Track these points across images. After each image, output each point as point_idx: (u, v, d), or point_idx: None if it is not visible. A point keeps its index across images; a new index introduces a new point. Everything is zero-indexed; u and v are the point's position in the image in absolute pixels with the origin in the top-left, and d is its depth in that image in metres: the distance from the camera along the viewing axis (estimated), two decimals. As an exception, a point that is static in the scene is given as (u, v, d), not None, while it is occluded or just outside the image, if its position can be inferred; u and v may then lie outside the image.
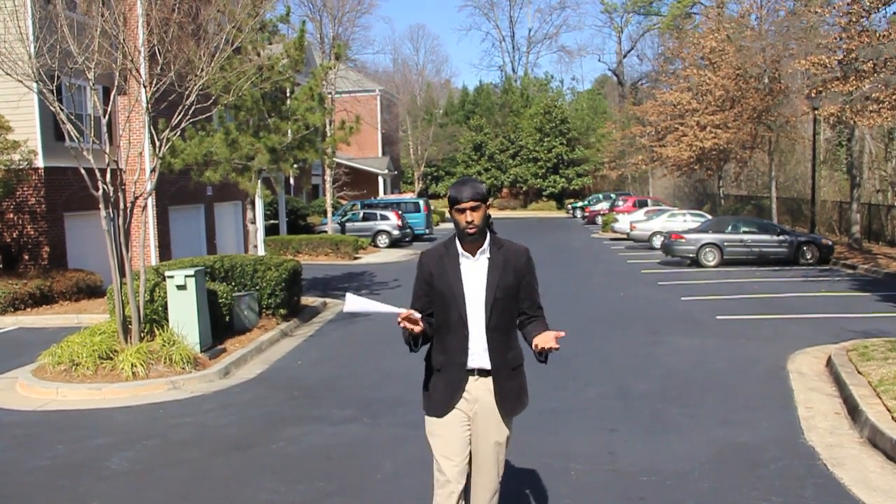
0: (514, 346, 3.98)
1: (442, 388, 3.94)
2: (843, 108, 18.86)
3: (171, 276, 10.68)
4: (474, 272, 3.89)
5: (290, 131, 15.21)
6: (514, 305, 3.95)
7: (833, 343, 10.74)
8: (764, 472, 6.18)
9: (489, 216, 3.95)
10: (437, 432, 3.95)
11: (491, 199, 4.03)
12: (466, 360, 3.89)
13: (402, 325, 3.70)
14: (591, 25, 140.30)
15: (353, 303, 3.68)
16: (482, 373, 3.90)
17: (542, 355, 3.77)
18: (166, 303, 10.92)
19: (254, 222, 16.94)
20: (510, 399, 3.95)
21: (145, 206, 11.33)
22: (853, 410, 7.60)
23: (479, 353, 3.88)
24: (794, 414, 7.79)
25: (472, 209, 3.79)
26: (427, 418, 4.01)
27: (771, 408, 8.03)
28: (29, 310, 15.27)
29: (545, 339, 3.70)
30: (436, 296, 3.94)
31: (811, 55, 19.81)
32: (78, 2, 10.47)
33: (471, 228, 3.81)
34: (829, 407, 8.02)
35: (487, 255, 3.90)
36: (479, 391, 3.91)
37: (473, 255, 3.90)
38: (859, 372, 8.75)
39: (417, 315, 3.70)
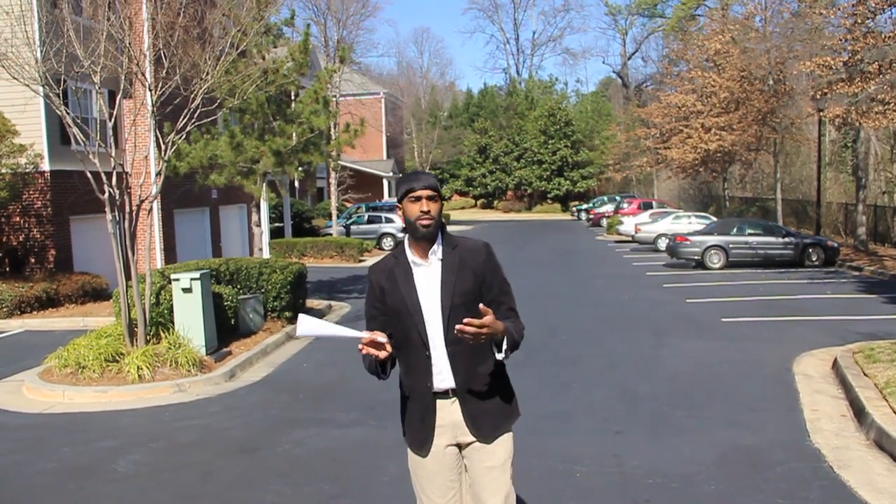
0: (487, 357, 3.41)
1: (415, 417, 3.49)
2: (849, 109, 18.82)
3: (177, 279, 10.70)
4: (429, 280, 3.40)
5: (294, 134, 15.24)
6: (478, 312, 3.30)
7: (839, 345, 10.72)
8: (770, 474, 6.17)
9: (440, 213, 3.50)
10: (417, 468, 3.52)
11: (495, 202, 3.66)
12: (432, 383, 3.40)
13: (364, 351, 3.23)
14: (596, 28, 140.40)
15: (307, 325, 3.20)
16: (441, 395, 3.43)
17: (499, 350, 3.31)
18: (172, 306, 10.94)
19: (259, 225, 16.97)
20: (487, 418, 3.44)
21: (151, 210, 11.38)
22: (859, 412, 7.58)
23: (444, 372, 3.40)
24: (800, 416, 7.77)
25: (429, 199, 3.34)
26: (408, 451, 3.57)
27: (776, 410, 8.02)
28: (35, 313, 15.32)
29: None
30: (390, 313, 3.46)
31: (816, 57, 19.78)
32: (84, 6, 10.51)
33: (425, 219, 3.31)
34: (835, 409, 8.00)
35: (439, 255, 3.41)
36: (454, 413, 3.44)
37: (425, 258, 3.41)
38: (865, 374, 8.73)
39: (383, 338, 3.21)
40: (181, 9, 11.26)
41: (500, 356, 3.35)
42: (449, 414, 3.44)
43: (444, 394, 3.42)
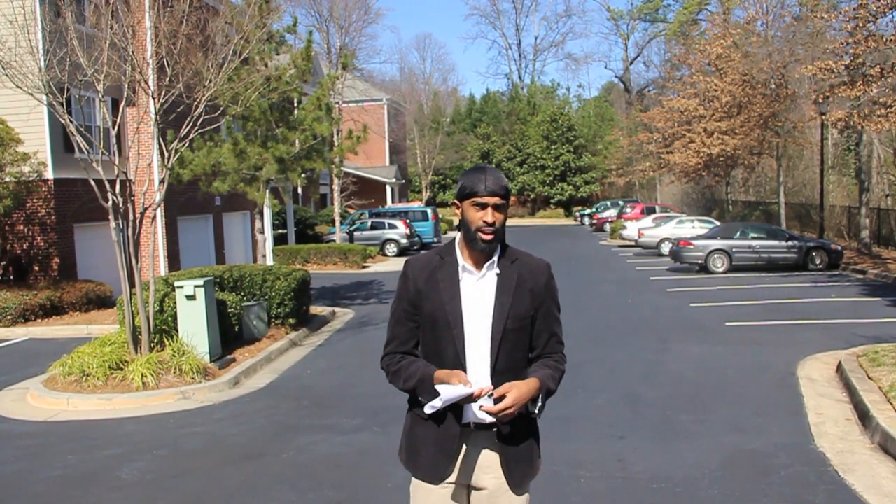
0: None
1: (432, 446, 2.98)
2: (851, 112, 18.83)
3: (181, 287, 10.72)
4: (478, 293, 2.94)
5: (297, 141, 15.28)
6: (527, 340, 3.01)
7: (843, 349, 10.71)
8: (774, 478, 6.16)
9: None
10: (422, 499, 3.06)
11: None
12: (461, 411, 2.93)
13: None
14: (598, 33, 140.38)
15: (444, 395, 2.77)
16: (481, 427, 2.96)
17: (532, 404, 2.90)
18: (176, 313, 10.96)
19: (262, 232, 16.99)
20: (521, 462, 3.01)
21: (154, 217, 11.39)
22: (864, 416, 7.57)
23: (477, 407, 2.91)
24: (805, 420, 7.76)
25: (496, 207, 2.87)
26: (413, 480, 3.08)
27: (781, 414, 8.01)
28: (39, 321, 15.34)
29: (502, 389, 2.80)
30: (424, 322, 2.99)
31: (818, 60, 19.78)
32: (87, 15, 10.56)
33: (488, 232, 2.87)
34: (840, 413, 7.99)
35: (497, 269, 2.96)
36: (480, 451, 2.99)
37: (479, 268, 2.95)
38: (870, 377, 8.72)
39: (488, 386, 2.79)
40: (184, 17, 11.30)
41: (533, 409, 2.91)
42: (478, 451, 2.98)
43: (467, 426, 2.95)
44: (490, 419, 2.88)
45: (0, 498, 6.34)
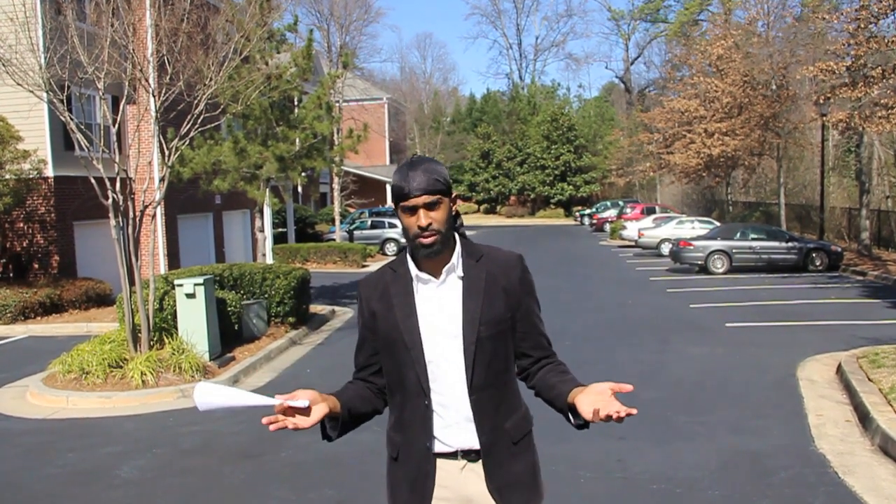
0: (517, 408, 2.63)
1: (404, 486, 2.59)
2: (852, 114, 18.82)
3: (181, 285, 10.72)
4: (441, 303, 2.53)
5: (298, 140, 15.27)
6: (509, 346, 2.60)
7: (843, 350, 10.69)
8: (774, 480, 6.15)
9: (457, 214, 2.62)
10: None
11: (498, 207, 2.49)
12: (431, 442, 2.54)
13: (272, 427, 2.32)
14: (599, 33, 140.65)
15: (206, 396, 2.43)
16: (468, 455, 2.55)
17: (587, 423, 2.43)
18: (175, 311, 10.96)
19: (262, 231, 16.98)
20: (518, 491, 2.58)
21: (154, 215, 11.38)
22: (864, 418, 7.56)
23: (456, 427, 2.53)
24: (805, 422, 7.75)
25: (428, 206, 2.46)
26: None
27: (781, 415, 8.00)
28: (39, 318, 15.33)
29: (606, 402, 2.34)
30: (382, 346, 2.60)
31: (819, 61, 19.79)
32: (88, 12, 10.55)
33: (427, 236, 2.45)
34: (840, 414, 7.98)
35: (459, 272, 2.54)
36: (466, 483, 2.55)
37: (437, 275, 2.54)
38: (870, 379, 8.71)
39: (303, 402, 2.32)
40: (185, 15, 11.30)
41: (581, 424, 2.47)
42: (458, 483, 2.55)
43: (452, 455, 2.55)
44: (476, 445, 2.52)
45: (0, 496, 6.34)
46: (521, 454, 2.61)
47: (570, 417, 2.50)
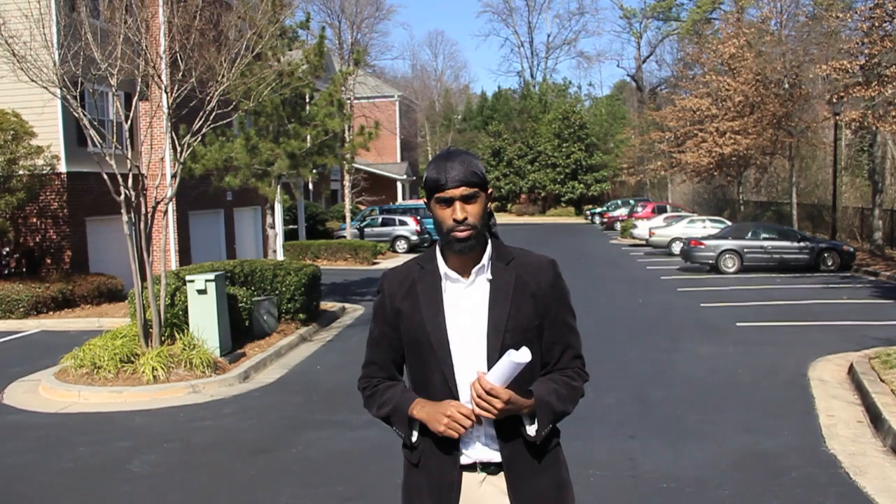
0: None
1: (426, 496, 2.50)
2: (865, 113, 18.74)
3: (192, 281, 10.75)
4: (468, 305, 2.45)
5: (309, 137, 15.30)
6: (536, 354, 2.45)
7: (855, 350, 10.64)
8: (785, 480, 6.13)
9: (491, 213, 2.54)
10: None
11: (509, 205, 2.37)
12: (458, 451, 2.45)
13: (444, 430, 2.36)
14: (610, 31, 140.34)
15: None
16: (488, 468, 2.46)
17: (530, 421, 2.42)
18: (187, 307, 11.00)
19: (273, 227, 17.03)
20: None
21: (166, 211, 11.43)
22: (876, 419, 7.53)
23: (476, 438, 2.45)
24: (816, 422, 7.72)
25: (465, 199, 2.39)
26: None
27: (792, 415, 7.97)
28: (51, 313, 15.43)
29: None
30: (407, 346, 2.53)
31: (832, 60, 19.70)
32: (101, 9, 10.59)
33: (462, 230, 2.38)
34: (852, 415, 7.94)
35: (488, 274, 2.46)
36: (485, 497, 2.46)
37: (466, 275, 2.47)
38: (882, 380, 8.66)
39: (464, 408, 2.34)
40: (197, 12, 11.33)
41: (529, 431, 2.42)
42: (477, 497, 2.45)
43: (471, 467, 2.46)
44: (498, 458, 2.43)
45: (12, 489, 6.38)
46: (547, 469, 2.48)
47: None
